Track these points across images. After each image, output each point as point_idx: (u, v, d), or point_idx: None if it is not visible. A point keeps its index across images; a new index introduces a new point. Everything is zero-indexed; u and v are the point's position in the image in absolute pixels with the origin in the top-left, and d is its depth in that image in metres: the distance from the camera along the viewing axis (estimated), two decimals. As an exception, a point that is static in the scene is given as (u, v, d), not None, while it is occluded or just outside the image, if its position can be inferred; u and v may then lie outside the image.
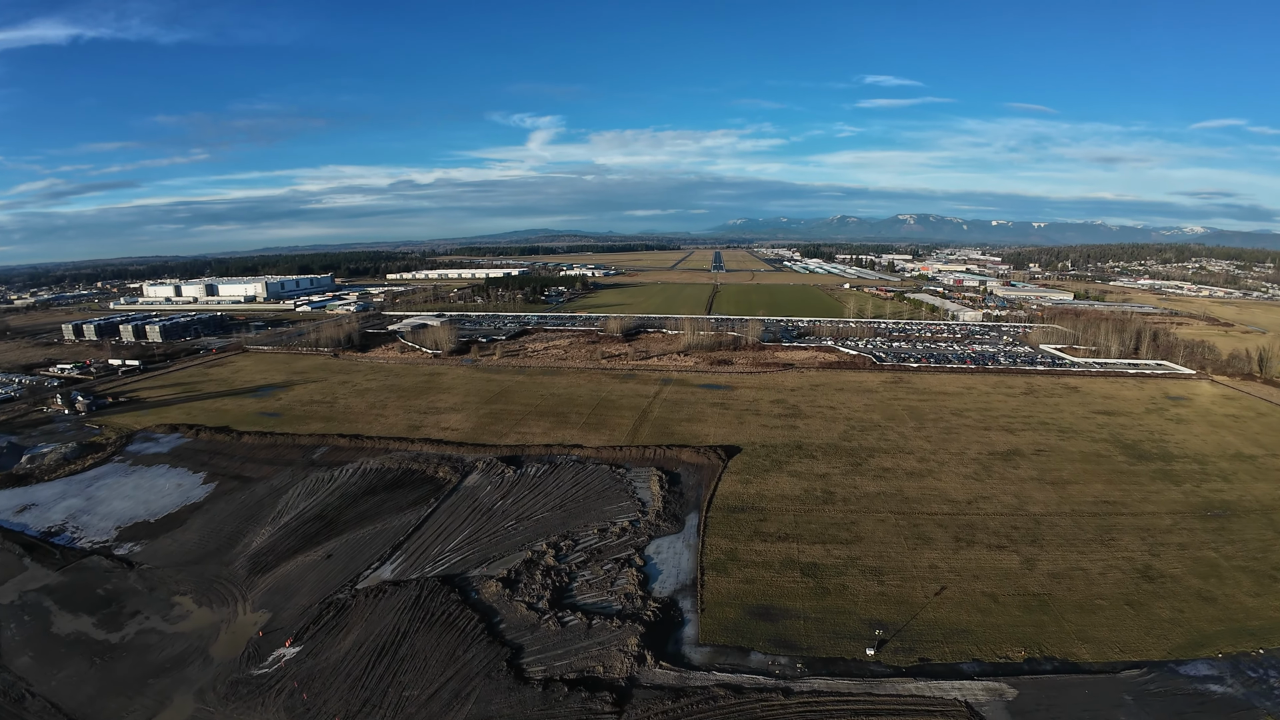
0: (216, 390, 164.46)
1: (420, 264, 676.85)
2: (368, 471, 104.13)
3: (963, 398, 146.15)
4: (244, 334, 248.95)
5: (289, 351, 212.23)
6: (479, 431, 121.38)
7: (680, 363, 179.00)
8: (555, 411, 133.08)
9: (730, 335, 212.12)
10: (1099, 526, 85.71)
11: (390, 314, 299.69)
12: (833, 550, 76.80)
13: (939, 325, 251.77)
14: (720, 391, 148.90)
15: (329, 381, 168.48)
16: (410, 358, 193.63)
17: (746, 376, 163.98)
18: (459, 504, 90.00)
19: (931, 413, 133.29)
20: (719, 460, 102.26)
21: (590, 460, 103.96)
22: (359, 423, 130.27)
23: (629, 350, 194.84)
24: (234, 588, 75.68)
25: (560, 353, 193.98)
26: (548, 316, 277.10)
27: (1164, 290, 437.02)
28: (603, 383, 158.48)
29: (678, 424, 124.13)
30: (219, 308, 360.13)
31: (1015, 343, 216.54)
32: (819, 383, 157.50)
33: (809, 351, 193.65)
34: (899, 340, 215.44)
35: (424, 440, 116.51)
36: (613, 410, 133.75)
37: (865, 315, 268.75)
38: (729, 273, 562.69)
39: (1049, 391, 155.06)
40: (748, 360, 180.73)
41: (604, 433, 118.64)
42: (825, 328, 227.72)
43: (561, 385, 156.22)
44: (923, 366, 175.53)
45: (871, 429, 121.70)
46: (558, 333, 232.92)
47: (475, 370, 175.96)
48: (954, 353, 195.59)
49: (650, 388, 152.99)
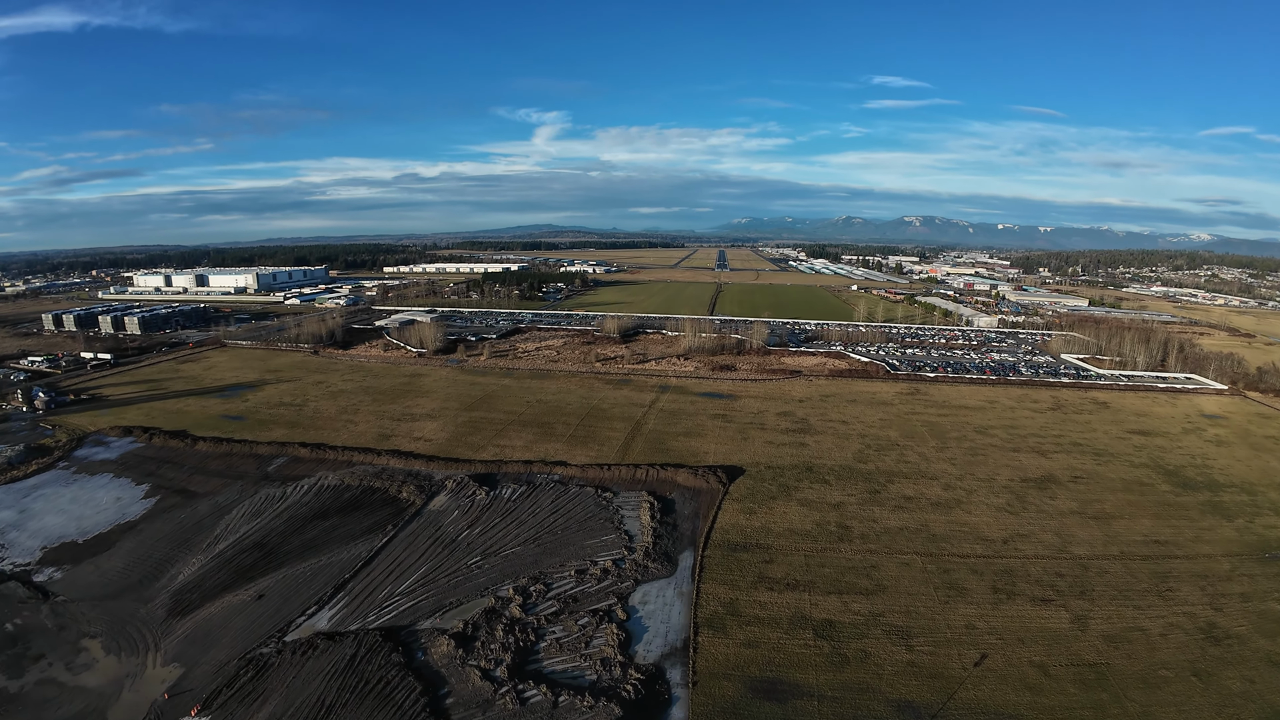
0: (183, 389, 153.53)
1: (420, 257, 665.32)
2: (324, 489, 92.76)
3: (986, 413, 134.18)
4: (225, 327, 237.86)
5: (267, 347, 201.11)
6: (454, 443, 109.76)
7: (680, 367, 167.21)
8: (540, 421, 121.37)
9: (734, 338, 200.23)
10: (1153, 573, 74.51)
11: (380, 309, 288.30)
12: (851, 603, 65.03)
13: (953, 331, 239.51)
14: (722, 401, 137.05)
15: (303, 381, 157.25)
16: (393, 357, 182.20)
17: (751, 384, 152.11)
18: (419, 533, 78.48)
19: (953, 430, 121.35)
20: (719, 484, 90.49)
21: (574, 481, 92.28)
22: (325, 430, 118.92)
23: (626, 353, 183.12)
24: (148, 632, 64.65)
25: (552, 354, 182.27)
26: (543, 314, 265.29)
27: (1178, 298, 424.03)
28: (595, 389, 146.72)
29: (674, 439, 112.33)
30: (208, 299, 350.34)
31: (1035, 351, 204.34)
32: (829, 393, 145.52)
33: (818, 358, 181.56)
34: (913, 347, 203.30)
35: (392, 453, 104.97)
36: (603, 421, 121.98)
37: (876, 319, 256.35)
38: (733, 272, 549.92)
39: (1078, 407, 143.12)
40: (752, 366, 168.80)
41: (592, 448, 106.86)
42: (834, 332, 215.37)
43: (550, 391, 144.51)
44: (940, 376, 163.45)
45: (889, 448, 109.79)
46: (552, 332, 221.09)
47: (459, 372, 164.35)
48: (972, 361, 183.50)
49: (646, 395, 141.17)
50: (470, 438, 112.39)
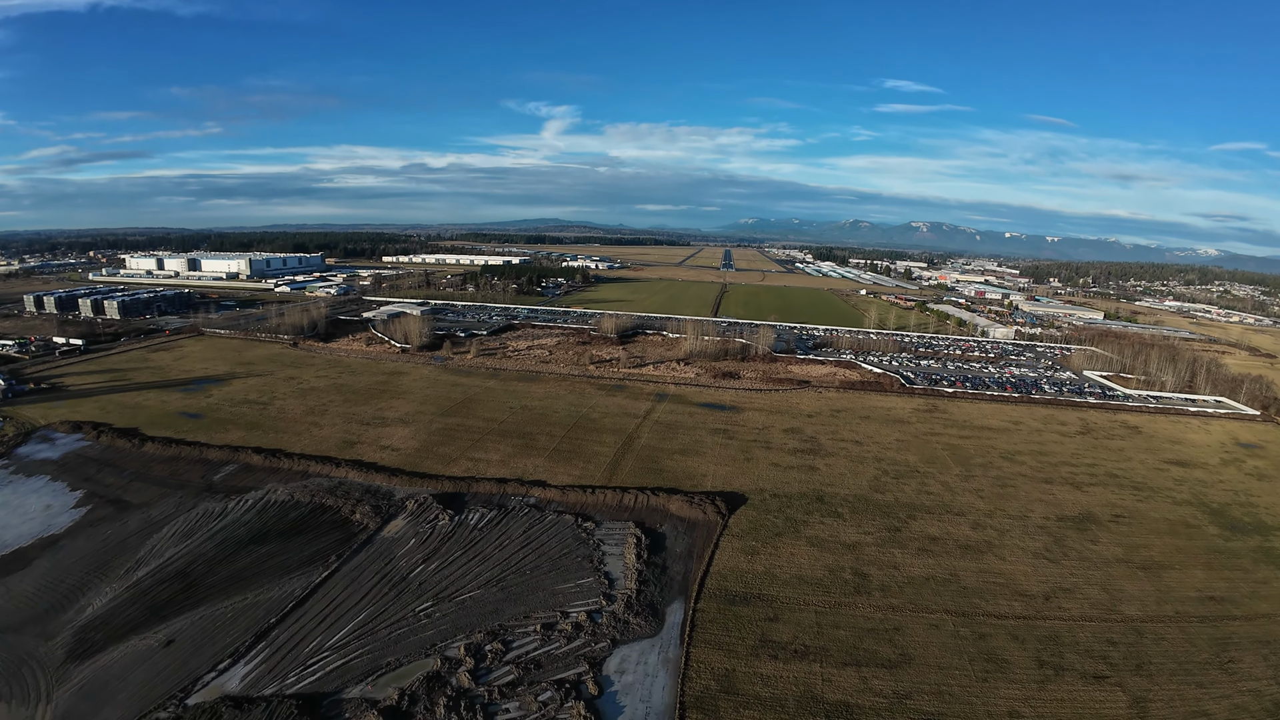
0: (148, 380, 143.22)
1: (421, 248, 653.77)
2: (269, 506, 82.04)
3: (1011, 435, 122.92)
4: (205, 315, 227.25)
5: (245, 337, 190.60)
6: (423, 454, 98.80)
7: (679, 373, 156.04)
8: (522, 431, 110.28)
9: (738, 343, 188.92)
10: (1212, 639, 64.06)
11: (371, 299, 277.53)
12: (872, 678, 53.97)
13: (969, 342, 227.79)
14: (724, 414, 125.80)
15: (274, 376, 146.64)
16: (375, 352, 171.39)
17: (755, 395, 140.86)
18: (367, 567, 67.62)
19: (978, 455, 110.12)
20: (717, 515, 79.41)
21: (552, 506, 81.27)
22: (286, 433, 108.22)
23: (622, 355, 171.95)
24: (42, 679, 54.29)
25: (544, 354, 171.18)
26: (539, 310, 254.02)
27: (1192, 313, 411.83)
28: (586, 395, 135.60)
29: (669, 456, 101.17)
30: (198, 284, 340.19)
31: (1056, 367, 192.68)
32: (840, 407, 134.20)
33: (827, 367, 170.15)
34: (927, 358, 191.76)
35: (353, 464, 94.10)
36: (592, 433, 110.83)
37: (887, 326, 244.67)
38: (739, 272, 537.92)
39: (1108, 431, 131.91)
40: (757, 374, 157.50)
41: (576, 465, 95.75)
42: (844, 339, 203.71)
43: (537, 395, 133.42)
44: (958, 392, 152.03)
45: (908, 475, 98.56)
46: (546, 330, 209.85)
47: (443, 371, 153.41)
48: (991, 376, 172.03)
49: (641, 404, 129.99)
50: (442, 448, 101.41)
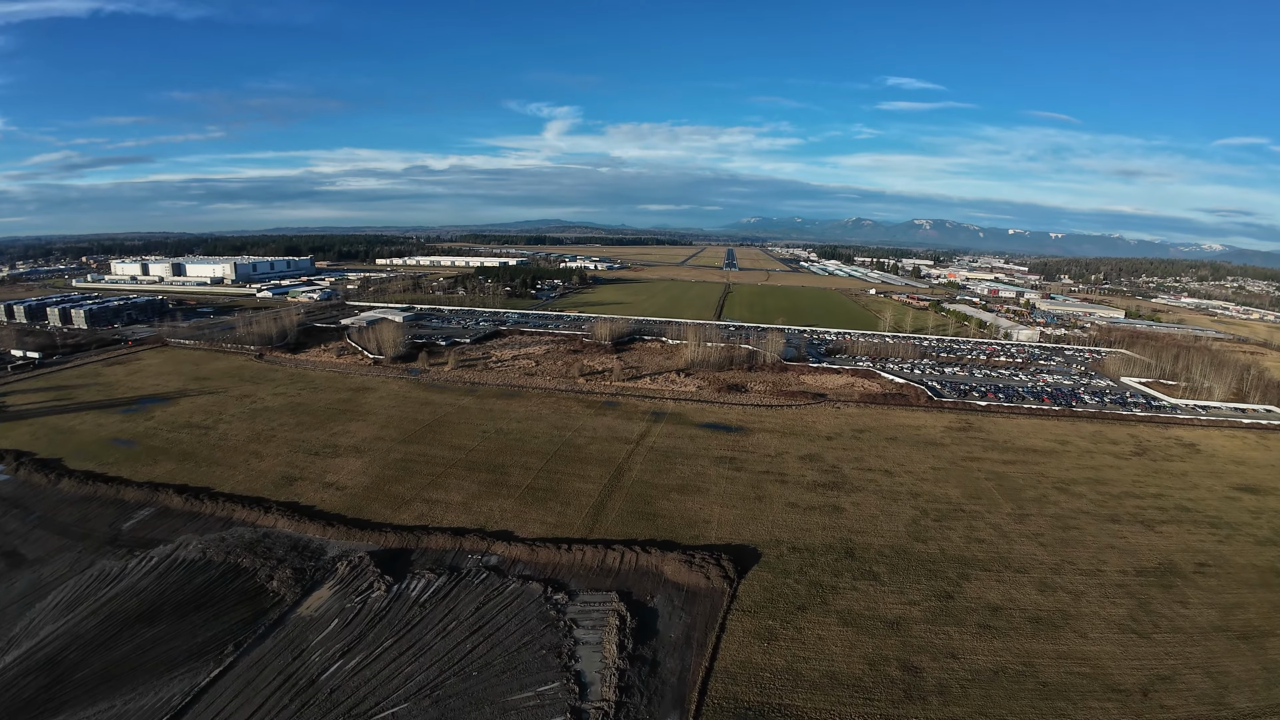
0: (93, 399, 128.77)
1: (417, 250, 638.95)
2: (175, 566, 66.73)
3: (1060, 459, 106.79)
4: (175, 323, 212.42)
5: (210, 348, 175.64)
6: (371, 494, 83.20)
7: (679, 386, 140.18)
8: (493, 463, 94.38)
9: (744, 349, 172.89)
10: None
11: (354, 304, 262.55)
12: None
13: (992, 345, 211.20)
14: (730, 437, 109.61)
15: (227, 394, 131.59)
16: (345, 364, 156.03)
17: (765, 412, 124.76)
18: (269, 662, 52.08)
19: (1028, 486, 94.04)
20: (723, 580, 63.52)
21: (516, 569, 65.51)
22: (220, 466, 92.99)
23: (616, 365, 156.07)
24: None
25: (530, 364, 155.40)
26: (530, 315, 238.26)
27: (1211, 311, 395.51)
28: (573, 414, 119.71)
29: (665, 495, 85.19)
30: (180, 290, 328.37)
31: (1090, 373, 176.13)
32: (863, 426, 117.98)
33: (844, 376, 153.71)
34: (951, 364, 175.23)
35: (286, 508, 78.64)
36: (575, 464, 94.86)
37: (904, 329, 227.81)
38: (742, 271, 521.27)
39: (1165, 451, 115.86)
40: (766, 386, 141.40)
41: (552, 508, 79.88)
42: (860, 344, 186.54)
43: (517, 416, 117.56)
44: (992, 405, 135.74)
45: (952, 515, 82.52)
46: (535, 336, 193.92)
47: (414, 386, 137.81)
48: (1023, 385, 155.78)
49: (635, 425, 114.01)
50: (397, 485, 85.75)
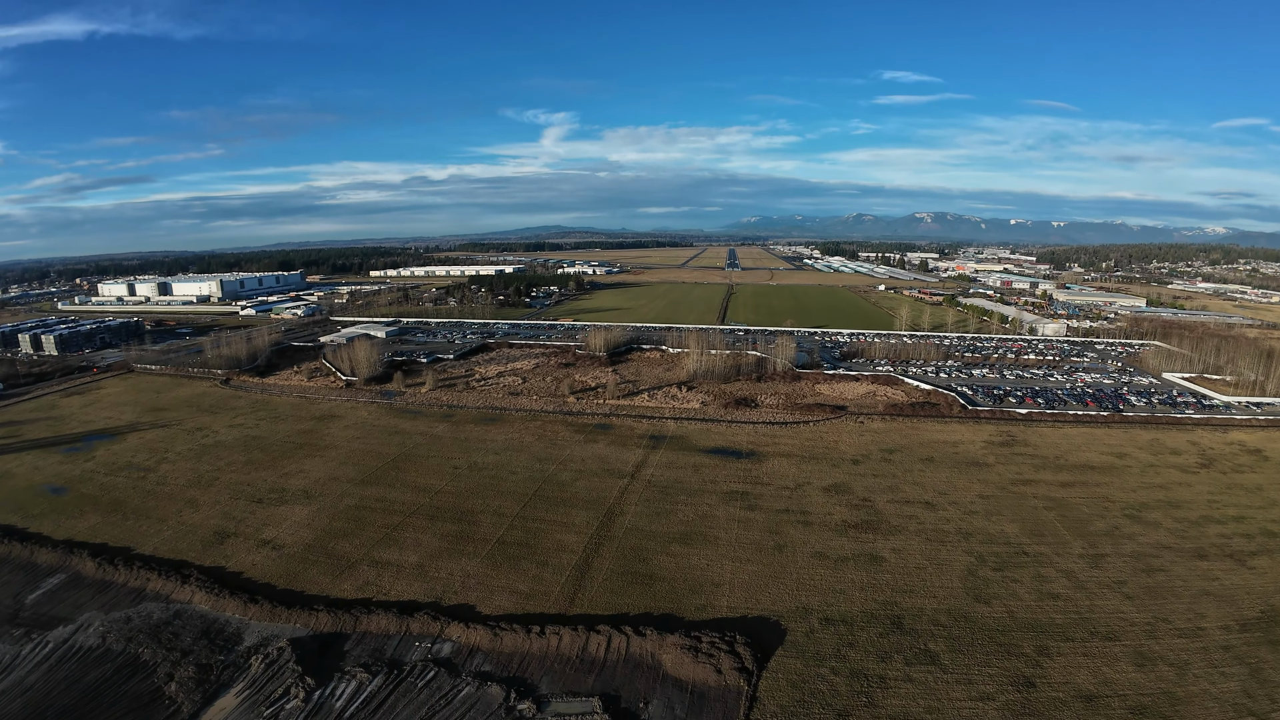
0: (40, 436, 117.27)
1: (413, 260, 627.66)
2: (71, 655, 53.53)
3: (1122, 476, 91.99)
4: (144, 347, 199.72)
5: (176, 373, 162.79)
6: (311, 555, 69.24)
7: (681, 402, 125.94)
8: (460, 509, 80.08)
9: (751, 356, 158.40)
10: None
11: (339, 320, 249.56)
12: None
13: (1018, 342, 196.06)
14: (741, 465, 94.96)
15: (180, 427, 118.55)
16: (315, 387, 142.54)
17: (780, 431, 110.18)
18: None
19: (1094, 514, 79.34)
20: (738, 673, 49.10)
21: (474, 662, 51.31)
22: (149, 519, 79.62)
23: (611, 380, 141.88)
24: None
25: (517, 382, 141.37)
26: (521, 325, 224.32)
27: (1230, 295, 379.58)
28: (559, 442, 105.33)
29: (664, 548, 70.54)
30: (165, 310, 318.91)
31: (1129, 370, 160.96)
32: (892, 444, 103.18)
33: (863, 384, 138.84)
34: (978, 365, 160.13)
35: (208, 575, 64.91)
36: (557, 509, 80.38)
37: (921, 327, 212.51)
38: (745, 271, 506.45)
39: (1231, 461, 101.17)
40: (778, 399, 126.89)
41: (525, 572, 65.46)
42: (877, 346, 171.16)
43: (495, 446, 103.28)
44: (1033, 412, 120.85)
45: (1014, 561, 67.80)
46: (525, 349, 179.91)
47: (385, 412, 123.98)
48: (1061, 386, 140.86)
49: (630, 454, 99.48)
50: (343, 542, 71.73)
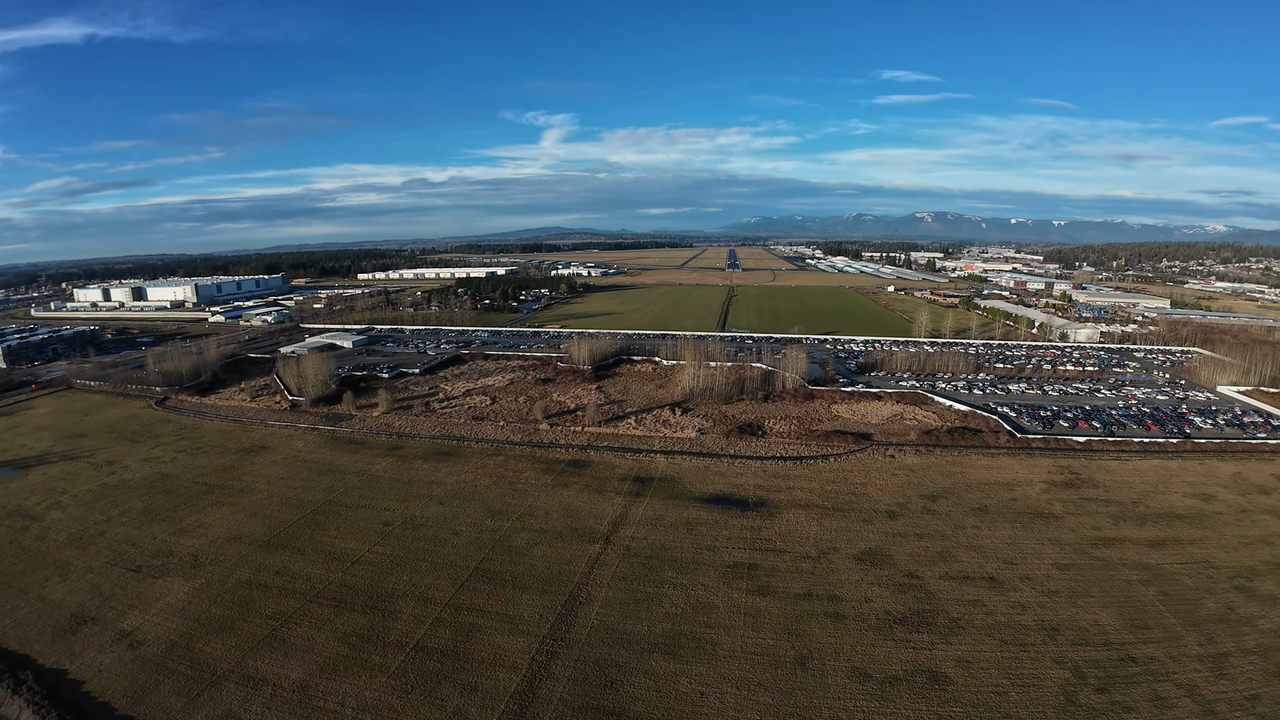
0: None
1: (405, 262, 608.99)
2: None
3: (1217, 529, 73.55)
4: (91, 360, 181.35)
5: (113, 391, 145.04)
6: (169, 663, 51.04)
7: (674, 429, 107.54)
8: (378, 590, 61.08)
9: (757, 370, 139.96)
10: None
11: (309, 327, 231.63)
12: None
13: (1050, 350, 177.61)
14: (747, 521, 75.78)
15: (91, 460, 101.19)
16: (257, 409, 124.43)
17: (794, 470, 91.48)
18: None
19: (1200, 587, 60.95)
20: None
21: None
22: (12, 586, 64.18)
23: (593, 399, 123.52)
24: None
25: (485, 402, 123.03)
26: (503, 333, 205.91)
27: (1250, 295, 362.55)
28: (521, 485, 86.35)
29: (642, 663, 51.45)
30: (134, 316, 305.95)
31: (1179, 381, 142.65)
32: (934, 487, 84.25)
33: (888, 404, 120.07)
34: (1014, 379, 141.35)
35: (43, 685, 47.82)
36: (504, 591, 61.05)
37: (942, 333, 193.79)
38: (746, 272, 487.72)
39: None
40: (789, 425, 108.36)
41: (445, 700, 46.32)
42: (898, 357, 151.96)
43: (441, 492, 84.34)
44: (1092, 439, 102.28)
45: (1121, 675, 49.33)
46: (501, 361, 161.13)
47: (325, 443, 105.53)
48: (1112, 404, 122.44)
49: (607, 504, 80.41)
50: (213, 642, 53.36)
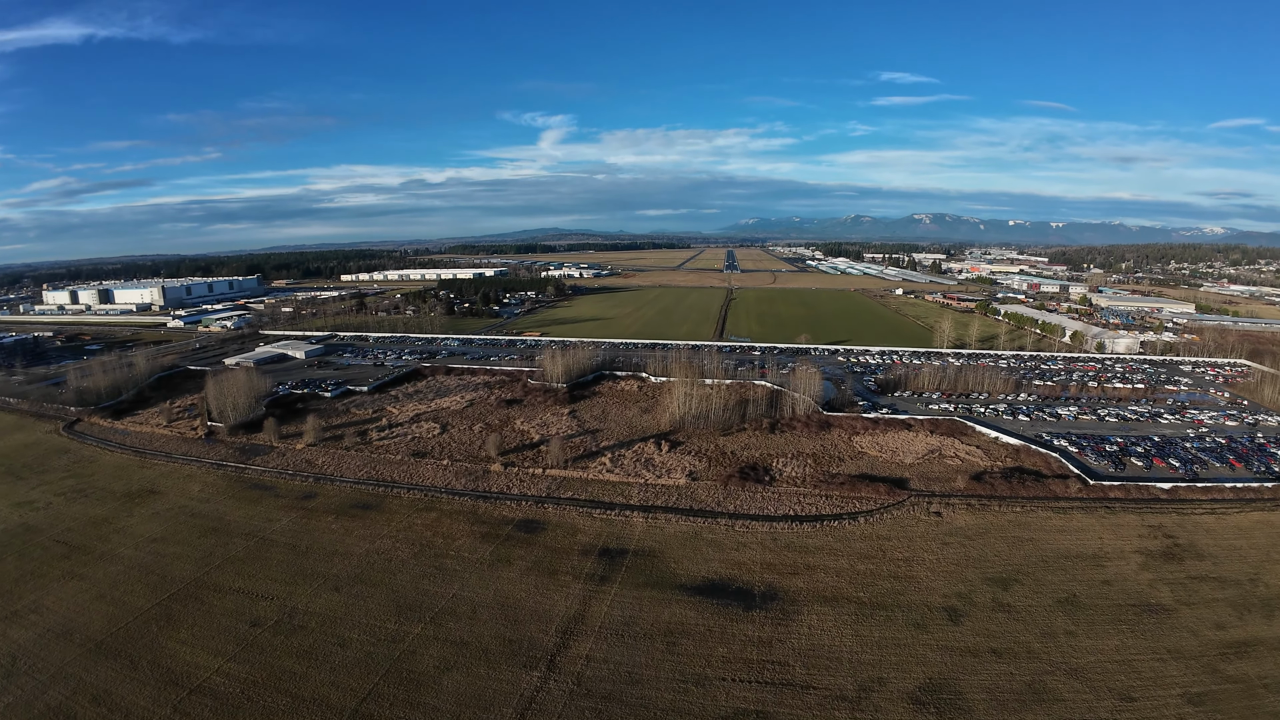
0: None
1: (393, 264, 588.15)
2: None
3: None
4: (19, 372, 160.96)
5: (26, 411, 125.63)
6: None
7: (660, 472, 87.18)
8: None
9: (761, 389, 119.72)
10: None
11: (267, 333, 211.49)
12: None
13: (1090, 362, 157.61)
14: (750, 628, 55.16)
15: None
16: (167, 437, 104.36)
17: (813, 535, 71.34)
18: None
19: None
20: None
21: None
22: None
23: (565, 426, 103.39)
24: None
25: (434, 430, 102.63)
26: (474, 341, 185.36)
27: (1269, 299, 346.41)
28: (449, 560, 65.45)
29: None
30: (95, 320, 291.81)
31: (1240, 401, 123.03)
32: (1000, 562, 63.90)
33: (920, 434, 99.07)
34: (1061, 400, 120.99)
35: None
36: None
37: (967, 343, 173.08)
38: (745, 274, 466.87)
39: None
40: (803, 465, 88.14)
41: None
42: (924, 374, 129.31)
43: (346, 568, 63.45)
44: (1178, 485, 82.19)
45: None
46: (465, 377, 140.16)
47: (227, 488, 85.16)
48: (1181, 433, 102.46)
49: (559, 595, 59.39)
50: None
